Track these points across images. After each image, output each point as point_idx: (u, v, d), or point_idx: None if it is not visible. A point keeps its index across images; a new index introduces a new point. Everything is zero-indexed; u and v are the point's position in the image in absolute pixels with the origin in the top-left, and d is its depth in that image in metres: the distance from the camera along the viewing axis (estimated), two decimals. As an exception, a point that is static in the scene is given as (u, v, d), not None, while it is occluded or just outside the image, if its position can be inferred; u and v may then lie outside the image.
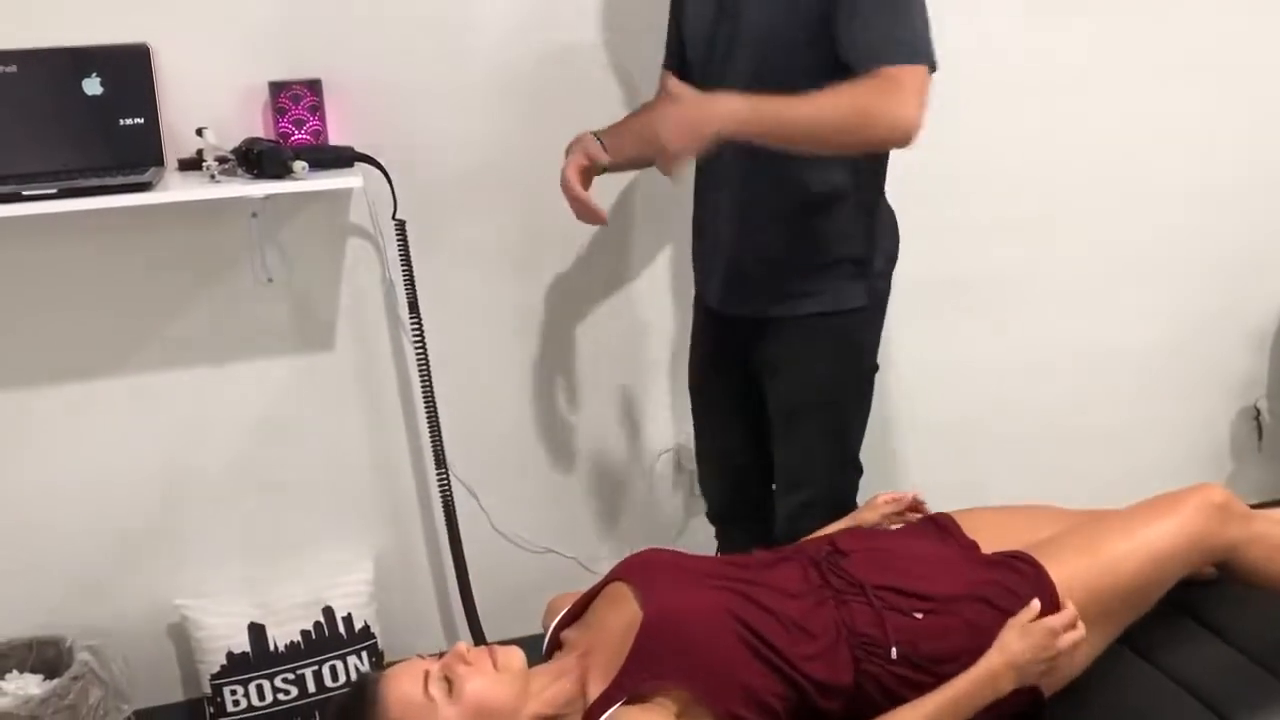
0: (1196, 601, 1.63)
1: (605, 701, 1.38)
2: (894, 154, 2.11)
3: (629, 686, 1.38)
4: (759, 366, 1.93)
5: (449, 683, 1.38)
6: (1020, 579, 1.51)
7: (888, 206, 1.92)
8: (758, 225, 1.84)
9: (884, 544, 1.62)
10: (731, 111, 1.57)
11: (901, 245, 1.97)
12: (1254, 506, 2.65)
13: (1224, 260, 2.72)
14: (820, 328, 1.85)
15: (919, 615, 1.46)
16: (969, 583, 1.50)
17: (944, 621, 1.47)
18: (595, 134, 1.92)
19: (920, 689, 1.45)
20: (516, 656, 1.43)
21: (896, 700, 1.45)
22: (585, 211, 1.85)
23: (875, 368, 1.97)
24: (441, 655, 1.43)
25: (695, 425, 2.14)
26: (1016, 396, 2.67)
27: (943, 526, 1.66)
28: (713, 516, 2.19)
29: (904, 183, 2.32)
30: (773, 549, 1.65)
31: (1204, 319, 2.76)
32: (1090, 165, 2.56)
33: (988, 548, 1.60)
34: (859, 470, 2.03)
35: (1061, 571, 1.50)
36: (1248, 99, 2.61)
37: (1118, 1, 2.46)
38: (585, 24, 2.19)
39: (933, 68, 1.62)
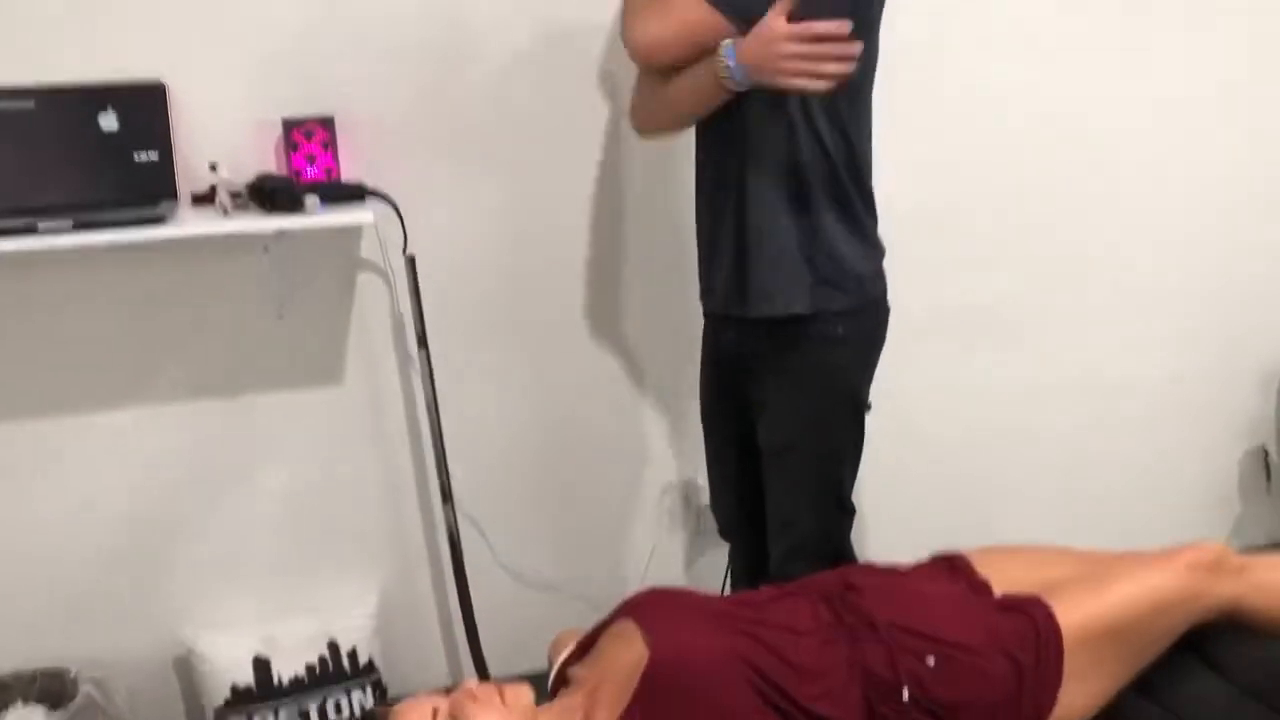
0: (1203, 640, 1.62)
1: (610, 740, 1.38)
2: (901, 187, 2.14)
3: None
4: (751, 402, 1.94)
5: (455, 720, 1.38)
6: (1032, 626, 1.50)
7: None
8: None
9: (897, 581, 1.61)
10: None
11: (907, 277, 1.97)
12: (1262, 549, 2.69)
13: (1233, 298, 2.72)
14: (808, 366, 1.85)
15: (930, 660, 1.46)
16: (985, 630, 1.50)
17: (956, 667, 1.46)
18: None
19: (932, 734, 1.44)
20: (524, 694, 1.43)
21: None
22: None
23: (867, 407, 1.96)
24: (449, 691, 1.43)
25: (705, 445, 2.14)
26: (1023, 432, 2.67)
27: (955, 566, 1.66)
28: (723, 532, 2.18)
29: (910, 213, 2.35)
30: (781, 584, 1.64)
31: (1212, 357, 2.76)
32: (1098, 199, 2.57)
33: (1000, 588, 1.59)
34: (851, 512, 2.00)
35: (1070, 616, 1.50)
36: (1258, 135, 2.63)
37: (1125, 37, 2.49)
38: (592, 63, 2.22)
39: (725, 11, 1.68)
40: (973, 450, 2.64)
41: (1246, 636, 1.61)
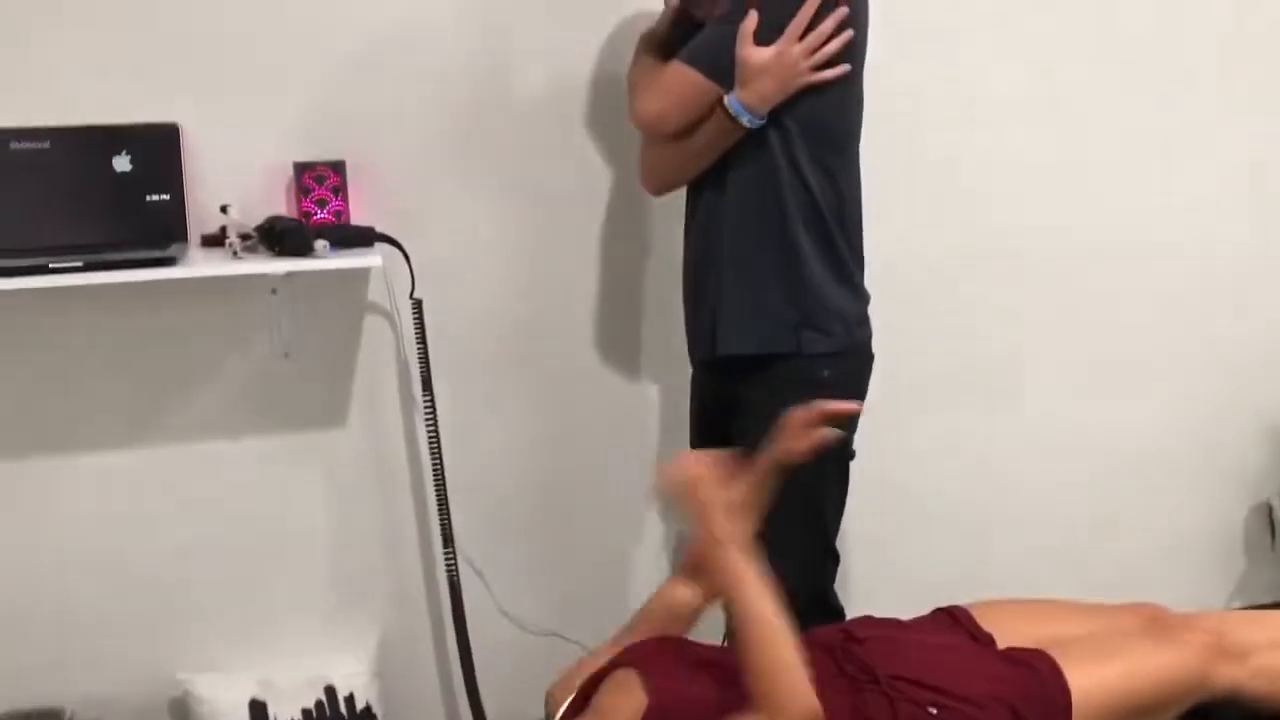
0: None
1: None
2: (898, 237, 2.16)
3: None
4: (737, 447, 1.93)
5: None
6: (1037, 680, 1.49)
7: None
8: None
9: (899, 634, 1.61)
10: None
11: (909, 330, 1.98)
12: (1265, 607, 2.67)
13: (1237, 352, 2.73)
14: (776, 409, 1.84)
15: (933, 711, 1.45)
16: (989, 682, 1.49)
17: (958, 718, 1.45)
18: None
19: (933, 787, 1.43)
20: None
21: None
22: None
23: (852, 455, 1.96)
24: None
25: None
26: (1023, 485, 2.66)
27: (957, 619, 1.65)
28: None
29: (911, 266, 2.37)
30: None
31: (1216, 411, 2.76)
32: (1101, 254, 2.58)
33: (1003, 642, 1.59)
34: (836, 559, 2.00)
35: (1080, 677, 1.49)
36: (1260, 193, 2.65)
37: (1129, 86, 2.51)
38: (604, 110, 2.24)
39: (708, 76, 1.80)
40: (967, 504, 2.63)
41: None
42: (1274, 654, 1.63)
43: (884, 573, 2.51)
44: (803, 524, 1.90)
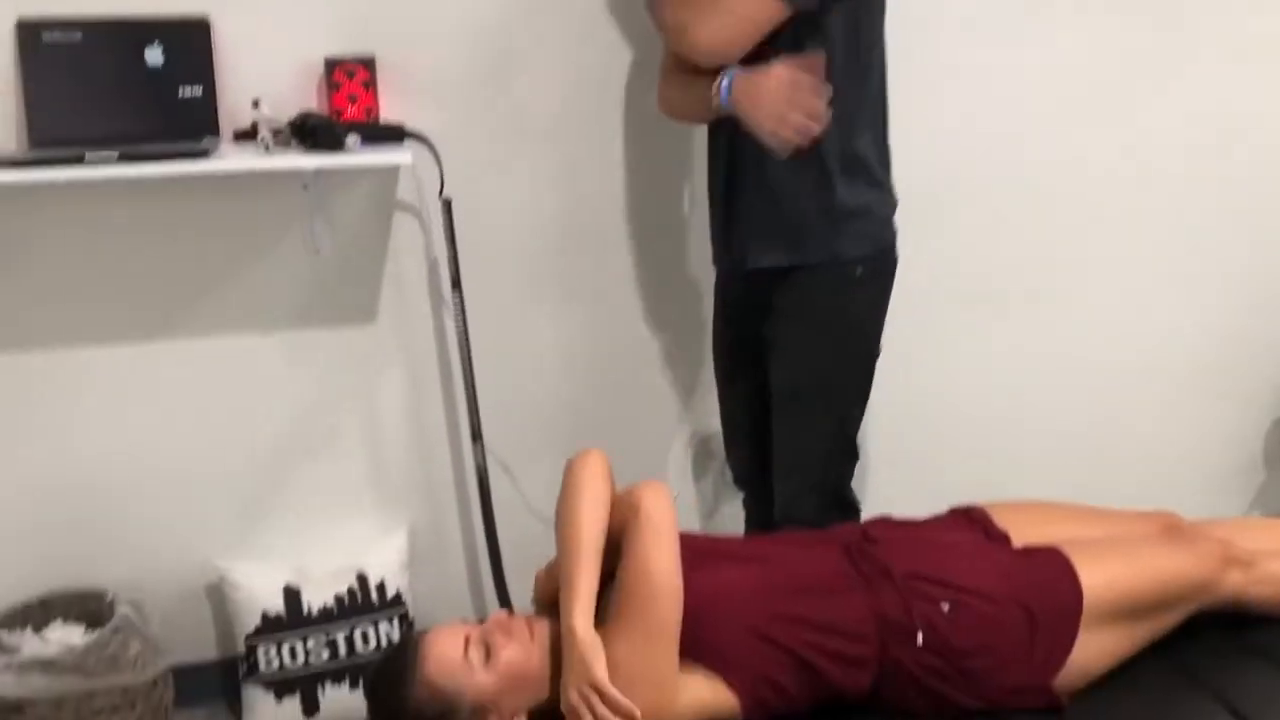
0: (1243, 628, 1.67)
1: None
2: (925, 158, 2.14)
3: None
4: (766, 347, 1.97)
5: (487, 649, 1.42)
6: (1050, 576, 1.53)
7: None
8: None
9: (914, 533, 1.65)
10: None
11: (932, 249, 1.98)
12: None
13: (1258, 270, 2.70)
14: (827, 309, 1.89)
15: (945, 606, 1.49)
16: (1002, 577, 1.53)
17: (971, 614, 1.49)
18: None
19: (942, 678, 1.48)
20: (552, 630, 1.47)
21: (920, 687, 1.48)
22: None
23: (877, 353, 1.98)
24: (480, 621, 1.47)
25: (720, 394, 2.20)
26: (1044, 401, 2.67)
27: (972, 518, 1.68)
28: (738, 481, 2.24)
29: (936, 186, 2.35)
30: (802, 532, 1.68)
31: (1236, 329, 2.74)
32: (1124, 173, 2.55)
33: (1019, 541, 1.62)
34: (855, 456, 2.04)
35: (1091, 576, 1.52)
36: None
37: (1154, 5, 2.45)
38: (640, 10, 2.21)
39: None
40: (988, 411, 2.64)
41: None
42: (1276, 562, 1.66)
43: (902, 475, 2.54)
44: (829, 419, 1.94)
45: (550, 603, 1.54)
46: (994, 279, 2.55)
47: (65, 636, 2.16)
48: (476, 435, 2.29)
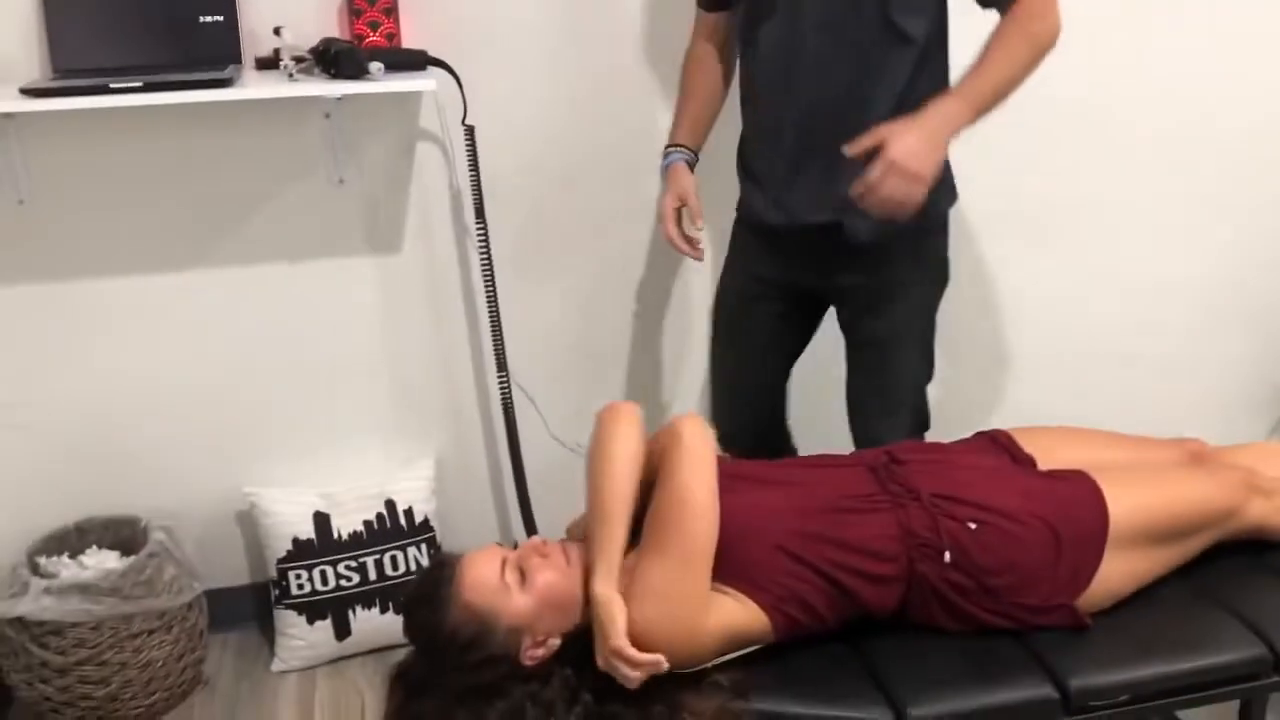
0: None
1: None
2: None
3: None
4: (844, 290, 1.91)
5: (522, 572, 1.45)
6: (1076, 498, 1.54)
7: None
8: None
9: (941, 455, 1.66)
10: (955, 126, 1.62)
11: (966, 175, 1.96)
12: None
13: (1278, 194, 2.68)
14: (927, 254, 1.91)
15: (972, 525, 1.51)
16: (1028, 498, 1.54)
17: (997, 533, 1.51)
18: (686, 152, 1.99)
19: (968, 596, 1.50)
20: (587, 555, 1.49)
21: (947, 604, 1.50)
22: (680, 250, 1.96)
23: None
24: (516, 546, 1.50)
25: (723, 354, 2.12)
26: (1072, 325, 2.67)
27: (999, 442, 1.70)
28: (731, 442, 2.07)
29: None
30: (828, 455, 1.70)
31: (1261, 257, 2.73)
32: (1154, 99, 2.52)
33: (1044, 464, 1.64)
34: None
35: (1118, 499, 1.54)
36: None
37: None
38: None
39: None
40: (1018, 342, 2.65)
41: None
42: None
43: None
44: (924, 357, 1.97)
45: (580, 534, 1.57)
46: (1023, 208, 2.53)
47: (101, 562, 2.20)
48: (502, 365, 2.30)
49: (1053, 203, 2.55)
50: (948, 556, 1.50)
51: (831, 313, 2.02)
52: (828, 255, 1.88)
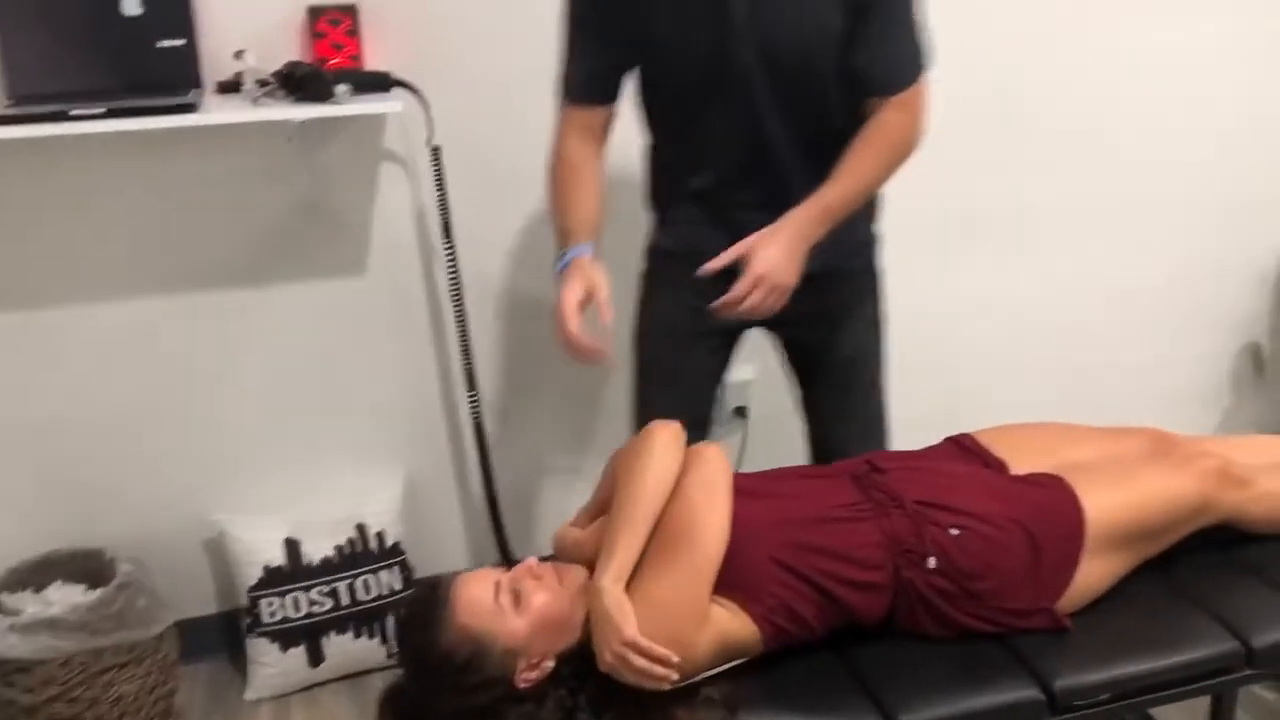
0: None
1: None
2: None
3: None
4: (801, 322, 1.86)
5: (517, 594, 1.45)
6: (1052, 502, 1.58)
7: None
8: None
9: (919, 463, 1.69)
10: (814, 236, 1.66)
11: (919, 180, 1.99)
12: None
13: (1230, 202, 2.78)
14: (875, 276, 1.93)
15: (955, 531, 1.54)
16: (1006, 504, 1.57)
17: (978, 538, 1.54)
18: (589, 246, 1.76)
19: (953, 601, 1.53)
20: (581, 574, 1.50)
21: (932, 610, 1.53)
22: (581, 354, 1.69)
23: None
24: (509, 568, 1.50)
25: (658, 395, 1.95)
26: (1026, 328, 2.73)
27: (966, 447, 1.73)
28: None
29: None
30: (809, 466, 1.72)
31: (1210, 258, 2.82)
32: (1103, 107, 2.60)
33: (1015, 468, 1.67)
34: None
35: (1093, 500, 1.58)
36: (1255, 50, 2.65)
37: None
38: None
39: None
40: (970, 345, 2.71)
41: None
42: (1273, 479, 1.72)
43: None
44: (883, 374, 1.99)
45: (576, 555, 1.57)
46: (976, 213, 2.59)
47: (66, 596, 2.16)
48: (472, 383, 2.30)
49: (1015, 209, 2.61)
50: (932, 562, 1.52)
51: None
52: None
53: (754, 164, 1.77)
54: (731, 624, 1.47)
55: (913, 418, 2.23)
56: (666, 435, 1.55)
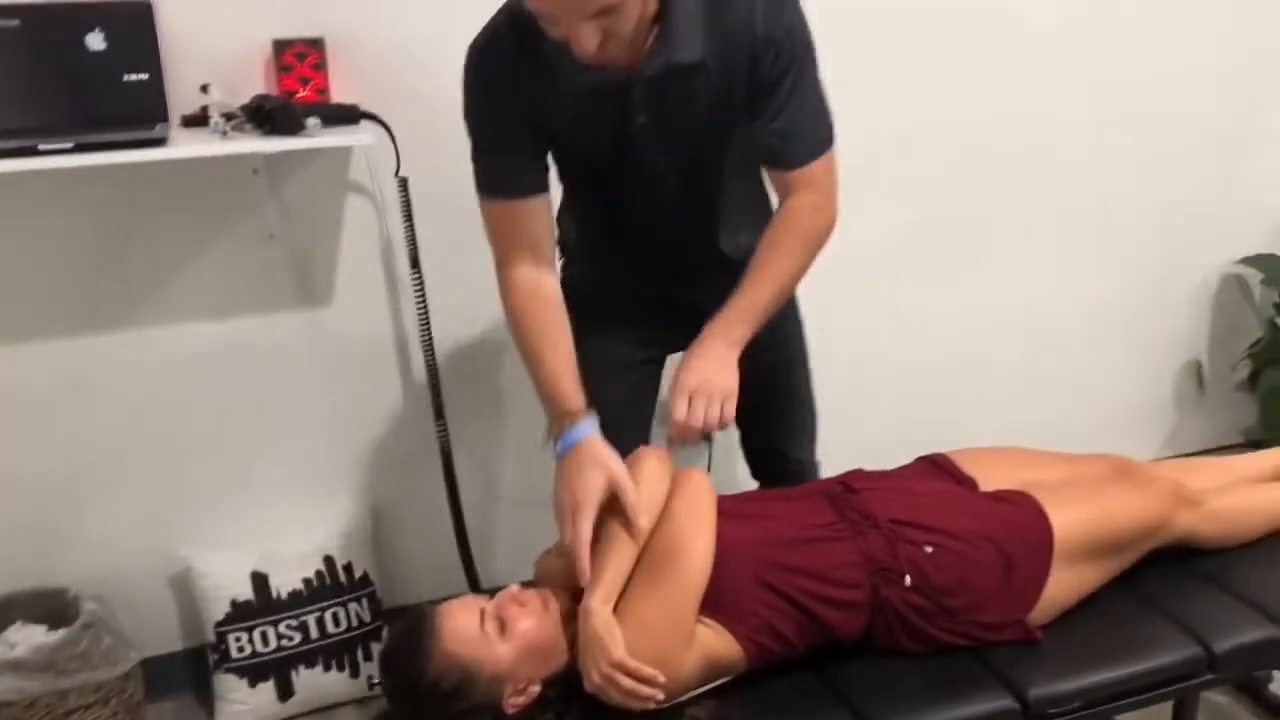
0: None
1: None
2: (852, 118, 2.20)
3: None
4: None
5: (501, 621, 1.46)
6: (1022, 518, 1.63)
7: None
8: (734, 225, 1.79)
9: (892, 483, 1.73)
10: (734, 346, 1.63)
11: (866, 203, 2.02)
12: (1195, 455, 2.86)
13: (1171, 221, 2.88)
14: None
15: (929, 549, 1.58)
16: (978, 520, 1.62)
17: (951, 555, 1.58)
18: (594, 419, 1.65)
19: (929, 618, 1.57)
20: (563, 600, 1.52)
21: (909, 627, 1.57)
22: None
23: None
24: (491, 595, 1.51)
25: (608, 403, 1.76)
26: (974, 349, 2.80)
27: (939, 465, 1.78)
28: None
29: (868, 143, 2.43)
30: (784, 488, 1.76)
31: (1152, 279, 2.92)
32: (1049, 131, 2.68)
33: (985, 485, 1.72)
34: None
35: (1060, 517, 1.63)
36: (1197, 74, 2.76)
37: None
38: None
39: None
40: (919, 370, 2.77)
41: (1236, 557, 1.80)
42: (1222, 499, 1.80)
43: (840, 435, 2.62)
44: (809, 373, 2.02)
45: (556, 580, 1.59)
46: (923, 236, 2.65)
47: (29, 637, 2.11)
48: (440, 414, 2.31)
49: (966, 232, 2.68)
50: (908, 580, 1.56)
51: None
52: (686, 309, 1.78)
53: (663, 222, 1.76)
54: (716, 643, 1.49)
55: (865, 435, 2.28)
56: (654, 461, 1.58)
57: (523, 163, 1.67)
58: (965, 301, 2.76)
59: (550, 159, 1.74)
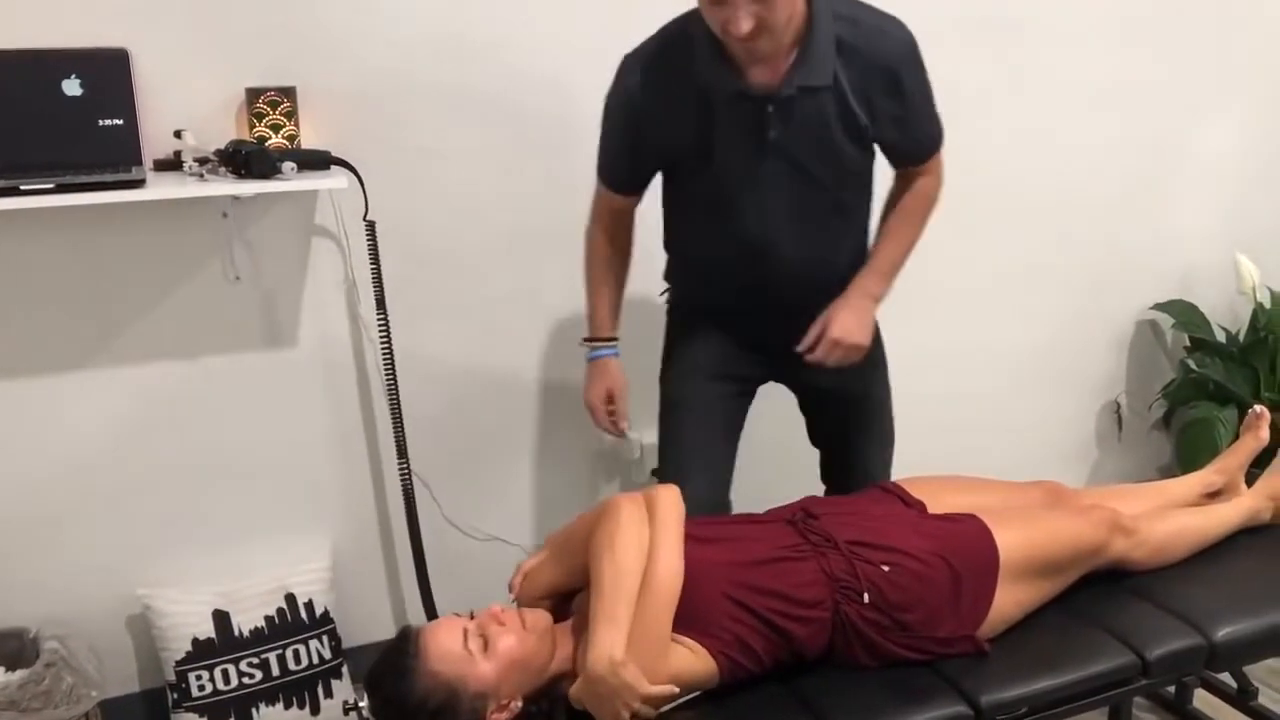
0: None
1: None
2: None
3: None
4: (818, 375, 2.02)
5: (484, 639, 1.52)
6: (969, 538, 1.74)
7: None
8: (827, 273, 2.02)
9: (849, 507, 1.84)
10: (878, 299, 2.02)
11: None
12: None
13: (1090, 270, 3.05)
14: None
15: (886, 568, 1.68)
16: (929, 539, 1.73)
17: (906, 574, 1.69)
18: (614, 346, 2.14)
19: (885, 633, 1.67)
20: (544, 618, 1.59)
21: (866, 642, 1.66)
22: (612, 432, 2.16)
23: None
24: (473, 615, 1.57)
25: (679, 432, 2.11)
26: (909, 388, 2.89)
27: (889, 491, 1.89)
28: (697, 505, 2.05)
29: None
30: (747, 514, 1.85)
31: (1072, 323, 3.09)
32: (976, 186, 2.82)
33: (933, 509, 1.84)
34: None
35: (1005, 538, 1.75)
36: (1119, 124, 2.95)
37: (1010, 32, 2.75)
38: (553, 41, 2.35)
39: None
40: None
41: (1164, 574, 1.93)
42: (1152, 526, 1.93)
43: (787, 473, 2.71)
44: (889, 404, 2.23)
45: (535, 597, 1.66)
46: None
47: (-13, 677, 2.11)
48: (402, 452, 2.36)
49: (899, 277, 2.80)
50: (866, 597, 1.66)
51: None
52: (785, 340, 2.00)
53: (775, 238, 1.97)
54: (690, 660, 1.57)
55: (806, 467, 2.36)
56: (631, 507, 1.64)
57: (630, 168, 2.02)
58: (902, 348, 2.86)
59: (668, 189, 2.06)
